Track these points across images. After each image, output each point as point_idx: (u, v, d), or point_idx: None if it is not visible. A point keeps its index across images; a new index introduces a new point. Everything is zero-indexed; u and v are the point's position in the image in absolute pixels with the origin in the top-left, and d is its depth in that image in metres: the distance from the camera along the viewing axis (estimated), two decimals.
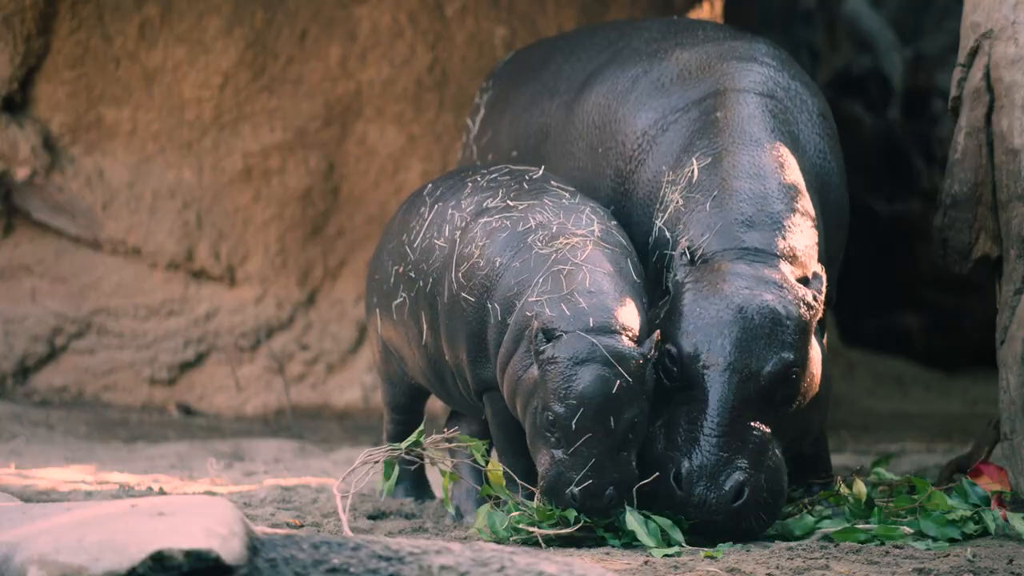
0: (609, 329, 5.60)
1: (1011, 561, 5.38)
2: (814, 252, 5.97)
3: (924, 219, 13.94)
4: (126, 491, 6.97)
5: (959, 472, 6.54)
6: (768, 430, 5.69)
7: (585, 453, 5.50)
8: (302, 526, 6.03)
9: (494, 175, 6.27)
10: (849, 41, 16.61)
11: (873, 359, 13.35)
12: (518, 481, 5.77)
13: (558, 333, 5.59)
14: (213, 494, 6.84)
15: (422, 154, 9.81)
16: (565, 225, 5.89)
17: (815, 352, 5.87)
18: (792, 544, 5.71)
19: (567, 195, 6.07)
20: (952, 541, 5.80)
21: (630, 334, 5.61)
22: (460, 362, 6.03)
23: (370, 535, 5.15)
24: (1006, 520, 5.87)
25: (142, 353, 9.78)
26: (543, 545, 5.57)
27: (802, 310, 5.77)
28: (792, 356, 5.71)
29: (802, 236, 5.94)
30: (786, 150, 6.13)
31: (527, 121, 6.94)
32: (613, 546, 5.61)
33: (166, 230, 9.71)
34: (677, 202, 6.07)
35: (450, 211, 6.17)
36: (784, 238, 5.90)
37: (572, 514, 5.55)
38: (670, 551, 5.54)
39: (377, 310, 6.49)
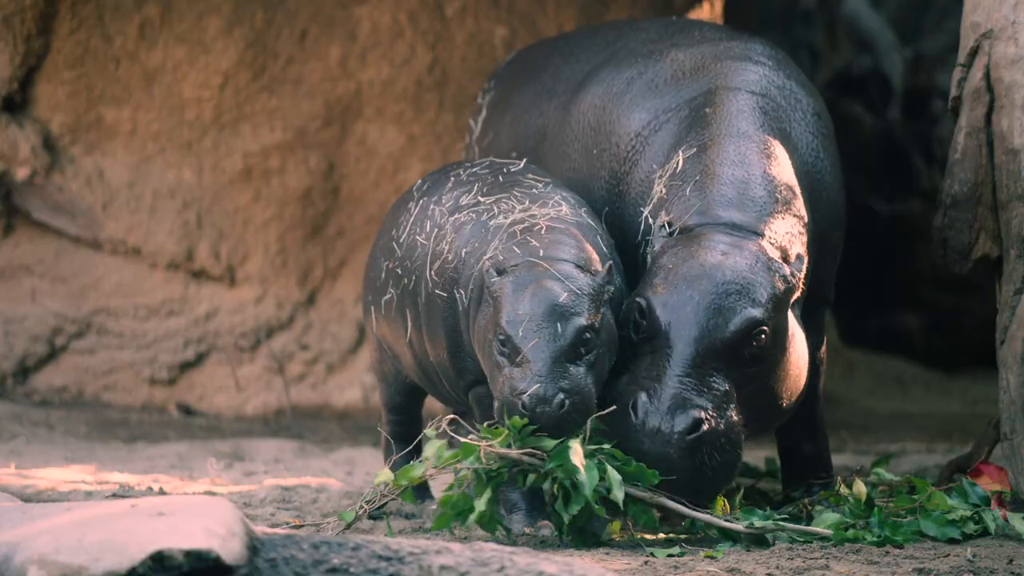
0: (559, 258, 5.65)
1: (1011, 561, 5.38)
2: (797, 239, 5.96)
3: (924, 219, 13.94)
4: (126, 491, 6.97)
5: (959, 472, 6.54)
6: (730, 385, 5.67)
7: (532, 359, 5.49)
8: (302, 526, 6.03)
9: (475, 169, 6.33)
10: (849, 41, 16.61)
11: (873, 359, 13.34)
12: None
13: (509, 268, 5.66)
14: (213, 494, 6.84)
15: (422, 154, 9.81)
16: (530, 209, 5.94)
17: (790, 328, 5.85)
18: (792, 544, 5.71)
19: (539, 185, 6.11)
20: (952, 541, 5.80)
21: (582, 265, 5.65)
22: (442, 360, 6.05)
23: (370, 535, 5.15)
24: (1006, 520, 5.87)
25: (142, 353, 9.78)
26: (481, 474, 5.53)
27: (776, 280, 5.78)
28: (760, 315, 5.70)
29: (784, 222, 5.95)
30: (775, 144, 6.15)
31: (526, 122, 6.95)
32: (556, 478, 5.50)
33: (166, 230, 9.71)
34: (661, 191, 6.11)
35: (432, 207, 6.24)
36: (765, 220, 5.91)
37: (518, 424, 5.47)
38: (672, 551, 5.54)
39: (372, 308, 6.51)
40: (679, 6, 9.95)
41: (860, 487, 6.01)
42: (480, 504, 5.55)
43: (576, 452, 5.46)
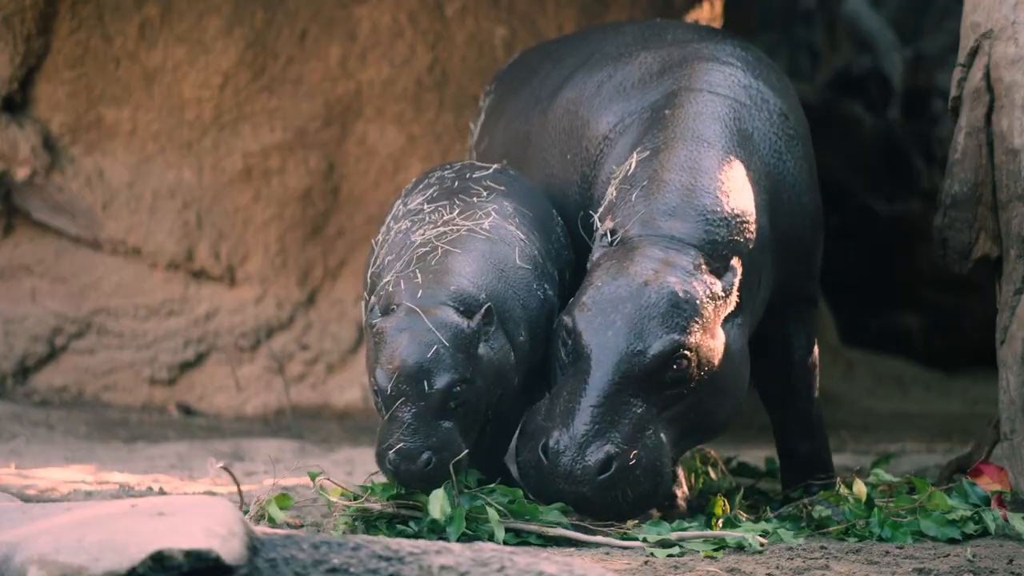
0: (437, 300, 5.63)
1: (1011, 561, 5.39)
2: (741, 248, 5.92)
3: (924, 219, 13.94)
4: (126, 491, 6.97)
5: (959, 472, 6.54)
6: (651, 410, 5.64)
7: (400, 418, 5.51)
8: (302, 526, 6.03)
9: (444, 172, 6.36)
10: (849, 41, 16.62)
11: (873, 359, 13.35)
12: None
13: (392, 307, 5.67)
14: (213, 494, 6.84)
15: (422, 154, 9.81)
16: (453, 219, 5.95)
17: (720, 344, 5.80)
18: (792, 544, 5.71)
19: (483, 193, 6.11)
20: (952, 541, 5.80)
21: (461, 307, 5.64)
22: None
23: (370, 535, 5.15)
24: (1006, 520, 5.87)
25: (142, 353, 9.78)
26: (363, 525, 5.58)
27: (704, 298, 5.73)
28: (683, 339, 5.65)
29: (726, 230, 5.91)
30: (731, 147, 6.11)
31: (516, 128, 6.97)
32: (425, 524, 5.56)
33: (166, 230, 9.71)
34: (612, 194, 6.10)
35: (396, 208, 6.28)
36: (705, 230, 5.87)
37: (391, 491, 5.55)
38: (672, 551, 5.54)
39: (363, 308, 6.57)
40: (679, 6, 9.95)
41: (860, 487, 6.01)
42: None
43: (435, 506, 5.50)
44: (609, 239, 5.90)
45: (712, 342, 5.76)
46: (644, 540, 5.61)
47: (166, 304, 9.80)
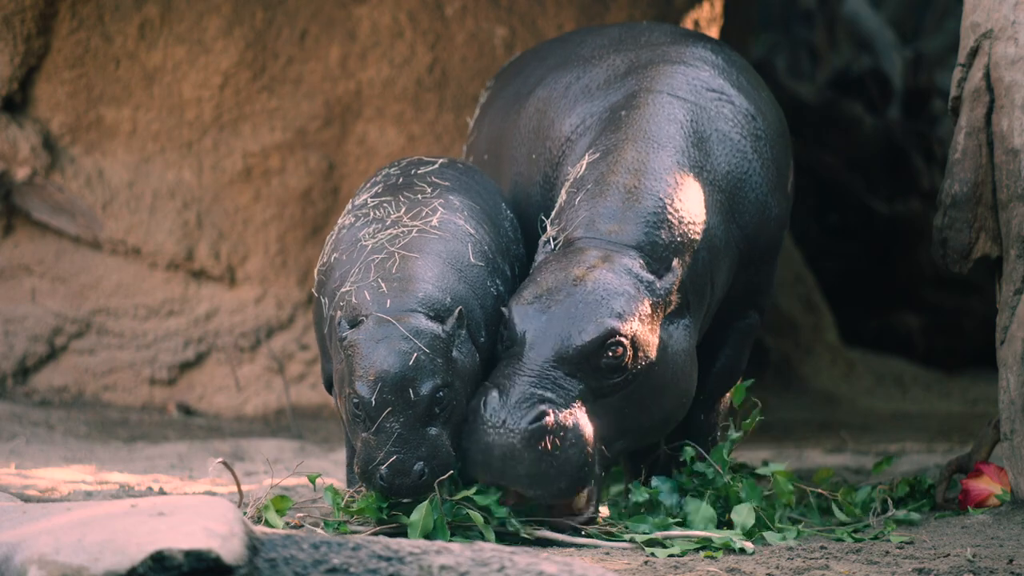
0: (407, 308, 5.60)
1: (1011, 561, 5.39)
2: (684, 250, 5.91)
3: (924, 219, 13.95)
4: (126, 491, 6.97)
5: (959, 472, 6.54)
6: (584, 391, 5.63)
7: (388, 429, 5.45)
8: (302, 526, 6.03)
9: (392, 169, 6.32)
10: (849, 41, 16.61)
11: (873, 359, 13.35)
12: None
13: (360, 319, 5.62)
14: (213, 494, 6.84)
15: (422, 153, 9.80)
16: (401, 218, 5.92)
17: (660, 342, 5.80)
18: (792, 544, 5.71)
19: (428, 190, 6.08)
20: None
21: (431, 313, 5.62)
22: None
23: (370, 535, 5.15)
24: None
25: (142, 353, 9.78)
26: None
27: (641, 293, 5.75)
28: (616, 325, 5.66)
29: (668, 232, 5.91)
30: (685, 149, 6.11)
31: (497, 126, 6.98)
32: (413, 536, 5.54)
33: (166, 230, 9.71)
34: (562, 197, 6.12)
35: (347, 206, 6.26)
36: (645, 232, 5.88)
37: (379, 503, 5.51)
38: (673, 551, 5.53)
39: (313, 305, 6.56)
40: (679, 6, 9.95)
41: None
42: None
43: (417, 526, 5.49)
44: (552, 245, 5.94)
45: (650, 336, 5.76)
46: (632, 540, 5.60)
47: (166, 304, 9.80)
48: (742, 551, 5.56)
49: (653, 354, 5.76)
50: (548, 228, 6.06)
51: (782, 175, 6.45)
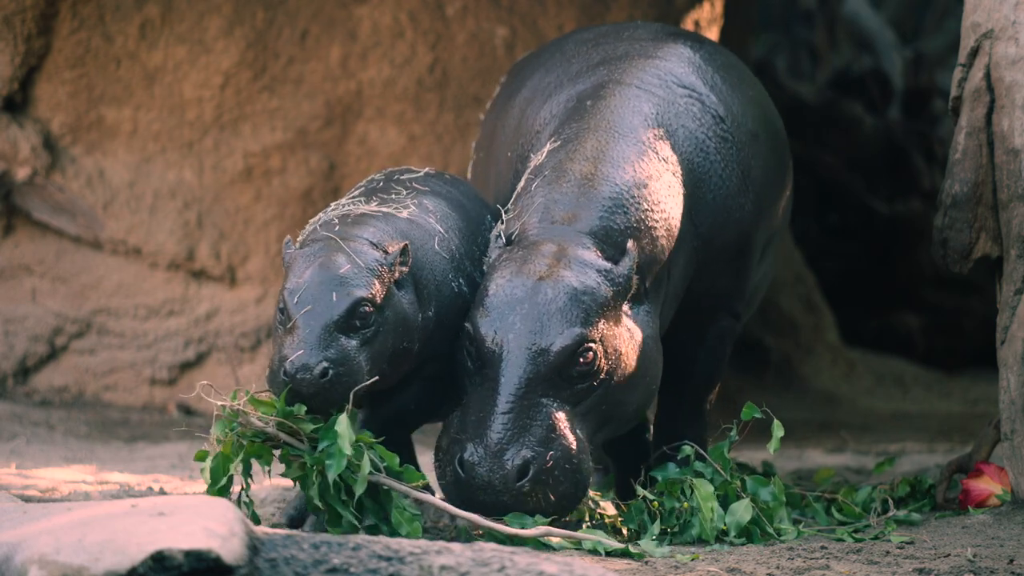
0: (355, 235, 5.62)
1: (1011, 561, 5.39)
2: (642, 234, 5.87)
3: (924, 219, 13.95)
4: (126, 491, 6.97)
5: (960, 472, 6.54)
6: (562, 408, 5.59)
7: (302, 328, 5.42)
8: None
9: (375, 175, 6.31)
10: (849, 41, 16.61)
11: (873, 359, 13.35)
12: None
13: (306, 242, 5.65)
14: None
15: (423, 154, 9.81)
16: (366, 214, 5.91)
17: (625, 331, 5.77)
18: (792, 544, 5.72)
19: (404, 192, 6.07)
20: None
21: (377, 243, 5.62)
22: None
23: (370, 535, 5.15)
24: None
25: (143, 353, 9.78)
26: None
27: (602, 287, 5.70)
28: (585, 331, 5.62)
29: (624, 217, 5.87)
30: (647, 140, 6.07)
31: (490, 126, 6.97)
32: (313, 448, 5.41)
33: (167, 230, 9.71)
34: (520, 184, 6.08)
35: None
36: (600, 217, 5.84)
37: (283, 404, 5.38)
38: (663, 550, 5.54)
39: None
40: (680, 6, 9.95)
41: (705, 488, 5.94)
42: (221, 477, 5.43)
43: (343, 435, 5.36)
44: (504, 239, 5.89)
45: (616, 329, 5.73)
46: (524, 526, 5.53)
47: (166, 304, 9.80)
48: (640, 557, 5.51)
49: (623, 348, 5.73)
50: (503, 216, 6.02)
51: (750, 179, 6.37)
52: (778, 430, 6.01)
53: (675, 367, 6.50)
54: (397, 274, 5.60)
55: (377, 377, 5.53)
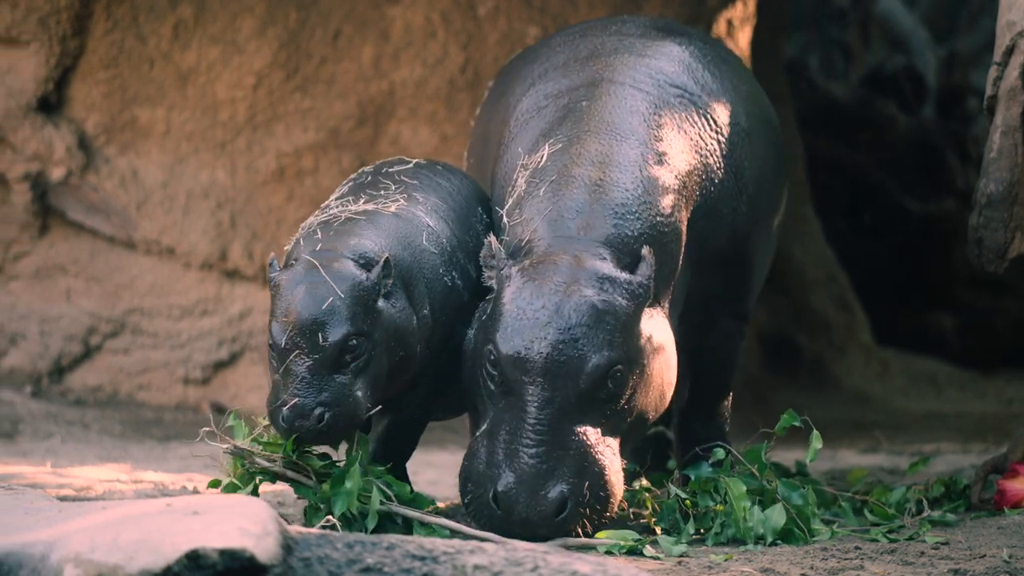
0: (335, 253, 5.56)
1: None
2: (655, 239, 5.79)
3: (959, 218, 13.89)
4: (161, 490, 6.99)
5: (995, 473, 6.51)
6: (593, 431, 5.53)
7: (294, 372, 5.41)
8: (335, 525, 6.03)
9: (365, 168, 6.26)
10: (883, 40, 16.55)
11: (907, 359, 13.30)
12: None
13: (291, 262, 5.60)
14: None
15: (455, 154, 9.81)
16: (359, 206, 5.86)
17: (648, 340, 5.71)
18: (826, 544, 5.70)
19: (393, 186, 6.02)
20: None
21: (361, 261, 5.56)
22: None
23: (404, 534, 5.15)
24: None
25: (176, 353, 9.81)
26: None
27: (625, 302, 5.61)
28: (614, 354, 5.56)
29: (639, 223, 5.79)
30: (647, 141, 5.98)
31: (482, 128, 6.85)
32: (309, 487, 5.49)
33: (200, 230, 9.74)
34: (521, 187, 5.96)
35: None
36: (614, 225, 5.75)
37: (286, 447, 5.44)
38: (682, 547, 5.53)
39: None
40: (712, 5, 9.93)
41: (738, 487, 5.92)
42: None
43: (352, 480, 5.45)
44: (501, 255, 5.76)
45: (639, 343, 5.67)
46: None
47: (200, 304, 9.83)
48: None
49: (644, 359, 5.68)
50: (505, 219, 5.92)
51: (743, 181, 6.30)
52: (816, 441, 5.98)
53: (686, 372, 6.48)
54: (383, 290, 5.55)
55: (380, 407, 5.56)
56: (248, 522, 4.17)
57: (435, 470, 7.99)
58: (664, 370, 5.79)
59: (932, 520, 6.19)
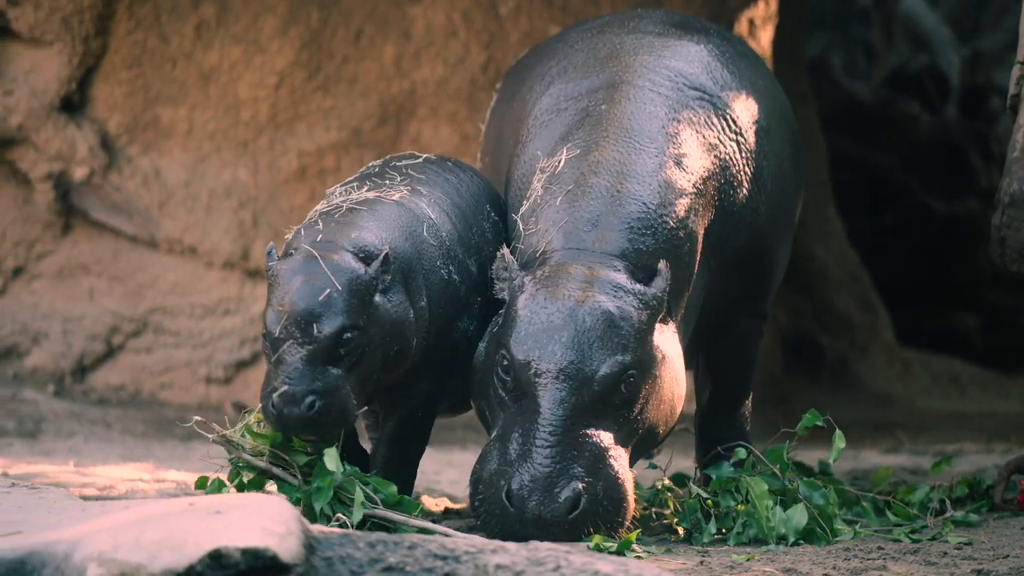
0: (335, 245, 5.54)
1: None
2: (670, 253, 5.76)
3: (982, 218, 13.85)
4: (183, 489, 7.00)
5: (1018, 473, 6.49)
6: (606, 435, 5.51)
7: (286, 360, 5.39)
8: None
9: (374, 162, 6.24)
10: (906, 39, 16.51)
11: (930, 359, 13.26)
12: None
13: (291, 252, 5.58)
14: (269, 493, 6.86)
15: (476, 153, 9.81)
16: (362, 195, 5.83)
17: (660, 352, 5.69)
18: (849, 545, 5.69)
19: (399, 178, 6.00)
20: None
21: (361, 254, 5.53)
22: None
23: (426, 534, 5.15)
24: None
25: (198, 352, 9.83)
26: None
27: (639, 311, 5.59)
28: (628, 359, 5.54)
29: (653, 239, 5.76)
30: (668, 150, 5.93)
31: (494, 129, 6.80)
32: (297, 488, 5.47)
33: (222, 229, 9.75)
34: (538, 192, 5.92)
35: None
36: (629, 239, 5.72)
37: (271, 438, 5.43)
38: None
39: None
40: (733, 5, 9.92)
41: (760, 485, 5.91)
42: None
43: (332, 462, 5.42)
44: (513, 266, 5.74)
45: (651, 353, 5.65)
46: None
47: (222, 303, 9.84)
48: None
49: (656, 370, 5.66)
50: (520, 226, 5.89)
51: (761, 182, 6.26)
52: (839, 440, 5.96)
53: (705, 372, 6.46)
54: (381, 285, 5.54)
55: (366, 407, 5.55)
56: (271, 521, 4.18)
57: (456, 469, 8.00)
58: (674, 385, 5.78)
59: (955, 520, 6.18)
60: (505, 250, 5.82)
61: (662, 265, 5.69)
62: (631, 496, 5.55)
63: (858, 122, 14.29)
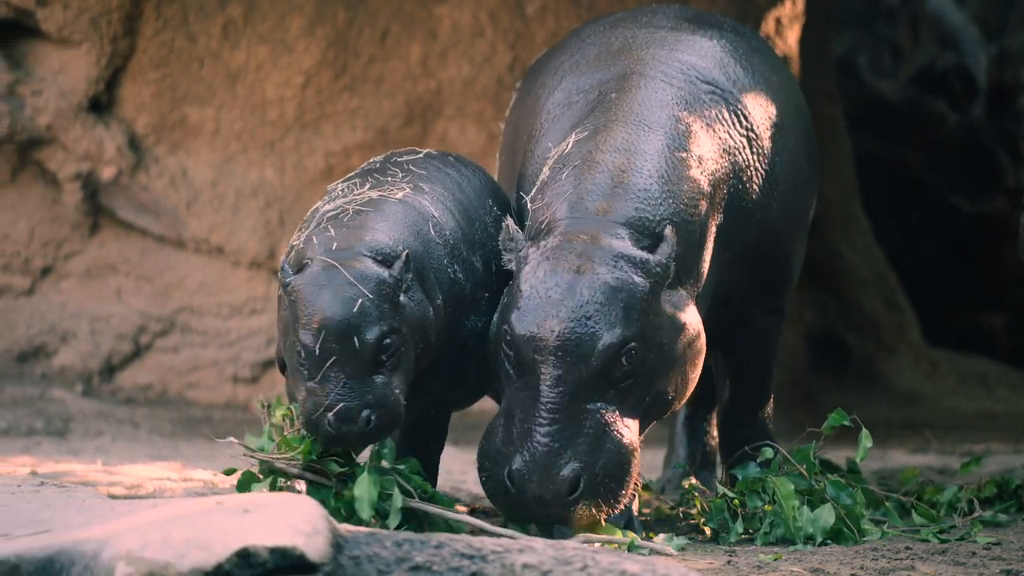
0: (353, 251, 5.48)
1: None
2: (678, 227, 5.70)
3: (1009, 217, 13.80)
4: (211, 488, 7.02)
5: None
6: (608, 409, 5.48)
7: (334, 377, 5.35)
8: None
9: (375, 158, 6.21)
10: (932, 38, 16.46)
11: (957, 358, 13.22)
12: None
13: (305, 263, 5.51)
14: (297, 491, 6.87)
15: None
16: (364, 193, 5.79)
17: (666, 320, 5.63)
18: (876, 545, 5.67)
19: (401, 174, 5.96)
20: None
21: (379, 258, 5.49)
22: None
23: (453, 533, 5.15)
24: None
25: (225, 351, 9.85)
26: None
27: (640, 279, 5.54)
28: (628, 332, 5.49)
29: (661, 208, 5.70)
30: (677, 135, 5.91)
31: (512, 126, 6.78)
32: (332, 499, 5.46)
33: (249, 229, 9.77)
34: (545, 173, 5.90)
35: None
36: (635, 208, 5.67)
37: (314, 447, 5.41)
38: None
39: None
40: (760, 3, 9.90)
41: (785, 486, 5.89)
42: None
43: (364, 502, 5.41)
44: (531, 231, 5.72)
45: (657, 320, 5.59)
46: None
47: (249, 303, 9.86)
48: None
49: (663, 338, 5.61)
50: (529, 205, 5.86)
51: (774, 178, 6.23)
52: (866, 440, 5.94)
53: (724, 371, 6.44)
54: (404, 286, 5.51)
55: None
56: (298, 520, 4.19)
57: None
58: (687, 351, 5.70)
59: (983, 520, 6.16)
60: (509, 220, 5.80)
61: (668, 231, 5.65)
62: (635, 468, 5.52)
63: (885, 121, 14.25)
